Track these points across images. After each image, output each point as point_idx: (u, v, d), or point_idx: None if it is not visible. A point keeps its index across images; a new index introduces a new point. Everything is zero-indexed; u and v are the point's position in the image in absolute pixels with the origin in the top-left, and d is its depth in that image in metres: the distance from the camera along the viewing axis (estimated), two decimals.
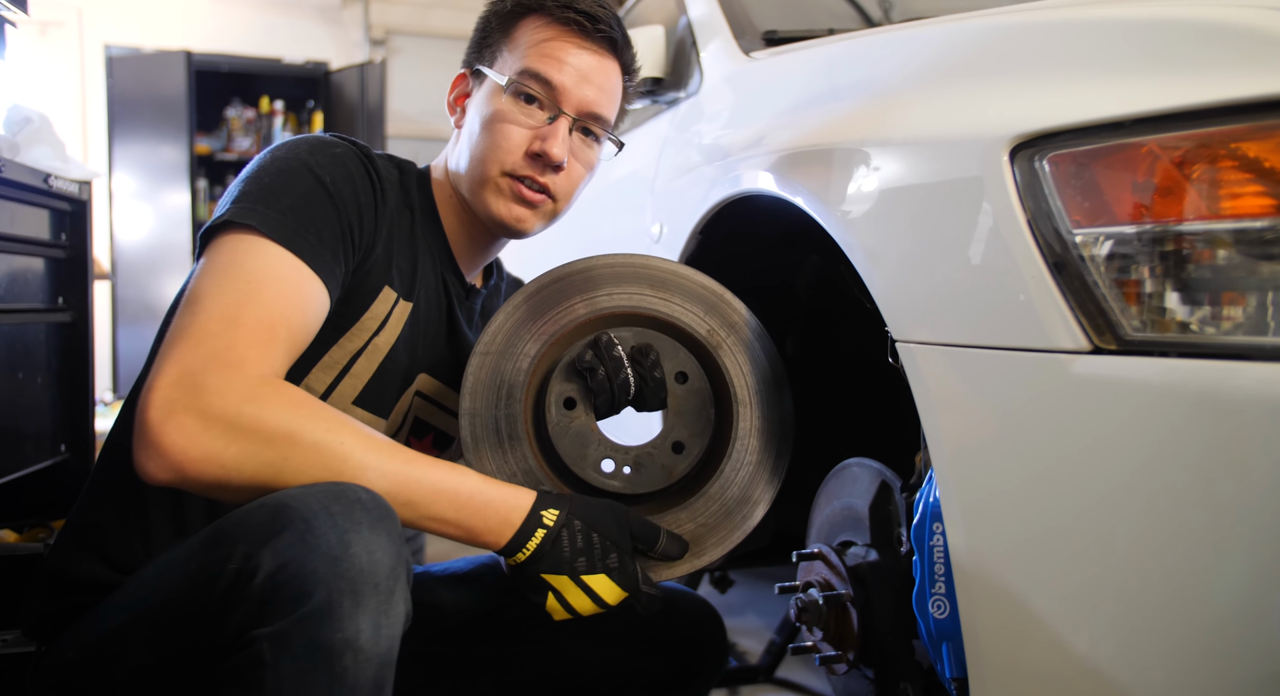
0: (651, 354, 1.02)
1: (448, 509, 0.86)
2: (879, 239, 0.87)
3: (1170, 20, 0.72)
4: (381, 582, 0.75)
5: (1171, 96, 0.67)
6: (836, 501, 1.22)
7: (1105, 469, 0.67)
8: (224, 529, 0.78)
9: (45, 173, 1.69)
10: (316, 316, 0.92)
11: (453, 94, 1.15)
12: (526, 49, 1.07)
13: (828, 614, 1.12)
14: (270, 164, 0.95)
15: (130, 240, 4.76)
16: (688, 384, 1.04)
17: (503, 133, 1.06)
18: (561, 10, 1.06)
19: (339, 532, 0.74)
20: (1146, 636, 0.67)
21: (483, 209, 1.10)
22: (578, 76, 1.07)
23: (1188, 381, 0.63)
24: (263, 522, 0.75)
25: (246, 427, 0.80)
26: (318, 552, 0.73)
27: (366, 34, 5.62)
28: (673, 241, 1.49)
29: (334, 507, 0.76)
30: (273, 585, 0.72)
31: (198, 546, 0.80)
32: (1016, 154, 0.74)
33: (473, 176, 1.09)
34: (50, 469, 1.79)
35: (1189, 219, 0.65)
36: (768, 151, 1.14)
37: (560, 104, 1.06)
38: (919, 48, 1.01)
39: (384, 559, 0.76)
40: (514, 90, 1.06)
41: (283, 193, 0.92)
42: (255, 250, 0.88)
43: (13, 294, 1.67)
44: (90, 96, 5.09)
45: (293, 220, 0.90)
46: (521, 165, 1.07)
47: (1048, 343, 0.69)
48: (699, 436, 1.04)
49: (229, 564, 0.75)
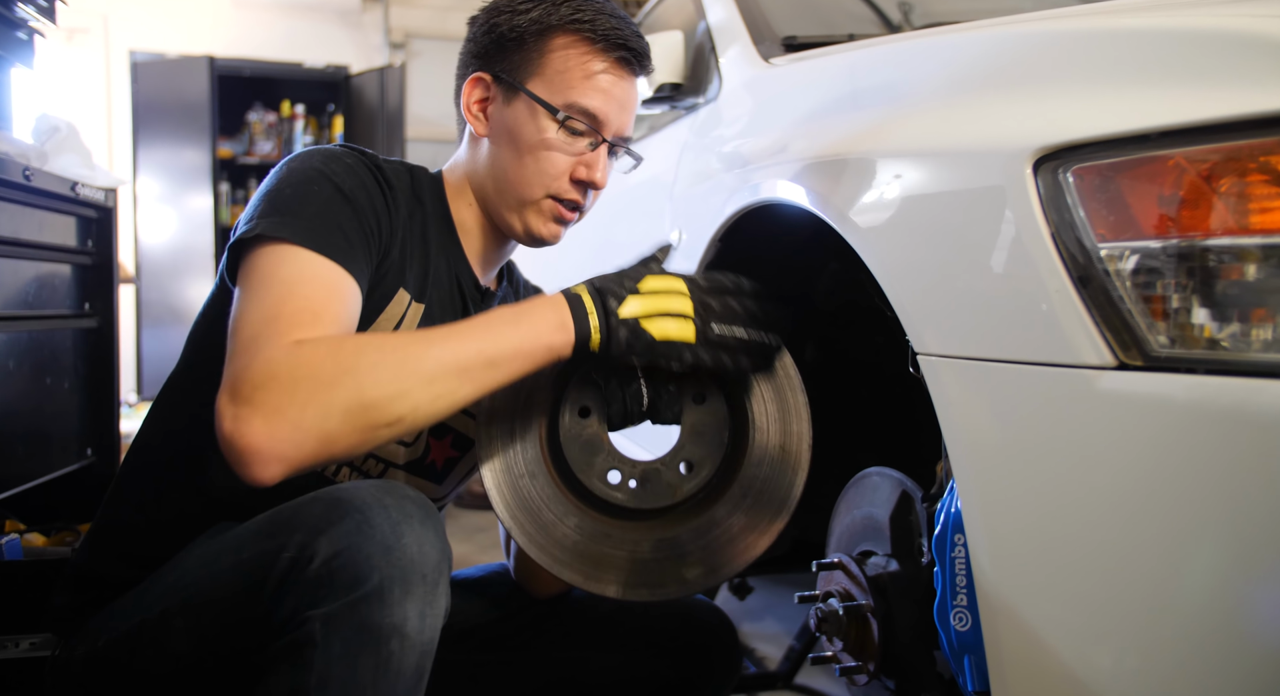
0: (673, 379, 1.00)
1: (517, 332, 0.86)
2: (900, 251, 0.86)
3: (1197, 30, 0.72)
4: (429, 574, 0.79)
5: (1198, 109, 0.66)
6: (857, 510, 1.22)
7: (1131, 484, 0.67)
8: (278, 520, 0.82)
9: (72, 181, 1.72)
10: (355, 310, 0.93)
11: (469, 97, 1.13)
12: (574, 78, 1.07)
13: (848, 624, 1.11)
14: (289, 176, 0.97)
15: (154, 243, 4.81)
16: (705, 404, 1.02)
17: (550, 160, 1.08)
18: (611, 48, 1.08)
19: (393, 524, 0.78)
20: (1171, 651, 0.67)
21: (520, 226, 1.12)
22: (619, 107, 1.10)
23: (1216, 398, 0.62)
24: (319, 514, 0.80)
25: (306, 385, 0.78)
26: (373, 541, 0.77)
27: (386, 38, 5.66)
28: (691, 248, 1.48)
29: (387, 500, 0.80)
30: (329, 570, 0.76)
31: (249, 536, 0.84)
32: (1040, 166, 0.73)
33: (512, 196, 1.10)
34: (77, 472, 1.81)
35: (1217, 233, 0.64)
36: (788, 160, 1.14)
37: (602, 131, 1.10)
38: (940, 57, 1.00)
39: (432, 551, 0.80)
40: (565, 124, 1.07)
41: (306, 201, 0.94)
42: (289, 258, 0.90)
43: (41, 300, 1.69)
44: (116, 101, 5.16)
45: (320, 226, 0.92)
46: (567, 189, 1.10)
47: (1073, 358, 0.68)
48: (710, 458, 1.02)
49: (285, 552, 0.79)
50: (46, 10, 1.83)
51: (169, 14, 5.31)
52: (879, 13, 1.93)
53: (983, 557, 0.78)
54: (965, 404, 0.78)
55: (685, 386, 1.02)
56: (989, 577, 0.78)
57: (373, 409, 0.79)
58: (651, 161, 1.90)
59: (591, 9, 1.08)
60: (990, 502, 0.77)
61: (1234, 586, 0.63)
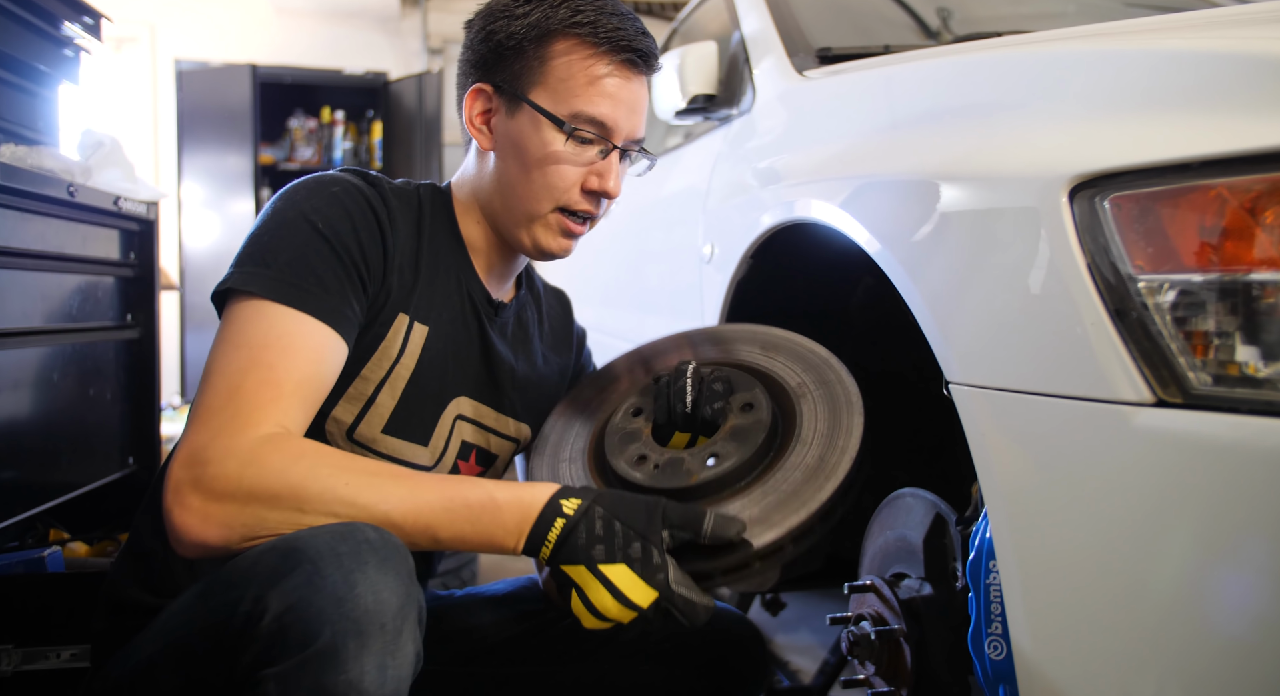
0: (719, 378, 1.03)
1: (464, 524, 0.84)
2: (933, 278, 0.85)
3: (1241, 55, 0.69)
4: (389, 623, 0.74)
5: (1242, 138, 0.63)
6: (890, 532, 1.20)
7: (1168, 524, 0.65)
8: (238, 570, 0.79)
9: (115, 195, 1.75)
10: (332, 363, 0.93)
11: (471, 110, 1.09)
12: (578, 85, 1.03)
13: (880, 648, 1.10)
14: (269, 219, 0.97)
15: (198, 248, 4.90)
16: (752, 413, 1.01)
17: (558, 173, 1.05)
18: (616, 51, 1.03)
19: (344, 573, 0.74)
20: (1212, 687, 0.65)
21: (529, 241, 1.09)
22: (628, 110, 1.06)
23: (1259, 439, 0.60)
24: (273, 565, 0.76)
25: (250, 492, 0.81)
26: (323, 593, 0.73)
27: (424, 43, 5.70)
28: (724, 263, 1.48)
29: (341, 548, 0.76)
30: (279, 626, 0.73)
31: (216, 586, 0.81)
32: (1076, 194, 0.71)
33: (519, 211, 1.07)
34: (119, 481, 1.85)
35: (1261, 267, 0.62)
36: (822, 179, 1.13)
37: (612, 138, 1.06)
38: (978, 76, 0.98)
39: (391, 598, 0.75)
40: (574, 135, 1.03)
41: (281, 249, 0.93)
42: (259, 315, 0.90)
43: (84, 312, 1.73)
44: (161, 108, 5.26)
45: (291, 277, 0.91)
46: (578, 201, 1.06)
47: (1109, 393, 0.67)
48: (737, 453, 0.98)
49: (240, 606, 0.75)
50: (92, 28, 1.87)
51: (213, 23, 5.40)
52: (917, 19, 1.90)
53: (1014, 588, 0.77)
54: (997, 435, 0.76)
55: (736, 398, 1.02)
56: (1021, 610, 0.76)
57: None
58: (687, 171, 1.89)
59: (592, 9, 1.03)
60: (1022, 535, 0.76)
61: (1277, 627, 0.61)
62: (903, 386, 1.52)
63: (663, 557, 0.83)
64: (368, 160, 5.26)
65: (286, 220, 0.96)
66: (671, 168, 2.07)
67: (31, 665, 1.30)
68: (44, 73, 1.82)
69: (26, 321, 1.53)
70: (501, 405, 1.17)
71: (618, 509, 0.85)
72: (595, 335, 2.64)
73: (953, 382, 0.81)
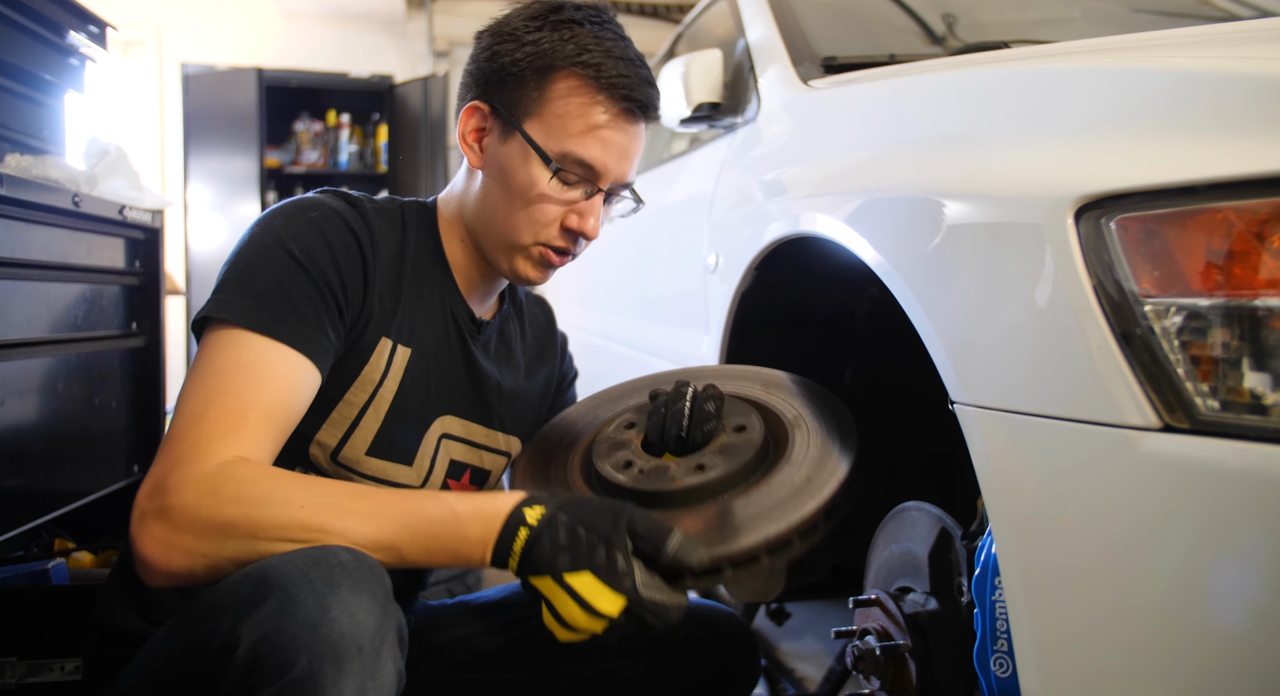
0: (714, 399, 1.02)
1: (428, 541, 0.83)
2: (938, 297, 0.84)
3: (1247, 77, 0.69)
4: (365, 645, 0.73)
5: (1250, 161, 0.63)
6: (895, 545, 1.20)
7: (1173, 548, 0.64)
8: (212, 600, 0.79)
9: (120, 204, 1.75)
10: (304, 391, 0.93)
11: (465, 126, 1.08)
12: (573, 127, 1.02)
13: (885, 663, 1.10)
14: (247, 246, 0.97)
15: (204, 251, 4.91)
16: (744, 434, 1.01)
17: (540, 209, 1.05)
18: (616, 100, 1.02)
19: (318, 598, 0.73)
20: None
21: (507, 268, 1.09)
22: (619, 156, 1.05)
23: (1266, 466, 0.59)
24: (245, 595, 0.75)
25: (207, 522, 0.81)
26: (296, 620, 0.72)
27: (430, 46, 5.71)
28: (729, 273, 1.47)
29: (313, 573, 0.75)
30: (255, 656, 0.72)
31: (192, 617, 0.80)
32: (1082, 214, 0.70)
33: (500, 238, 1.08)
34: (124, 490, 1.85)
35: (1268, 291, 0.61)
36: (827, 193, 1.12)
37: (599, 181, 1.06)
38: (984, 92, 0.97)
39: (367, 620, 0.74)
40: (561, 175, 1.03)
41: (257, 277, 0.93)
42: (230, 343, 0.90)
43: (89, 321, 1.73)
44: (168, 111, 5.28)
45: (266, 304, 0.91)
46: (556, 237, 1.07)
47: (1115, 417, 0.66)
48: (723, 466, 0.97)
49: (215, 637, 0.74)
50: (98, 36, 1.88)
51: (219, 27, 5.42)
52: (923, 25, 1.90)
53: (1019, 607, 0.76)
54: (1002, 456, 0.76)
55: (731, 421, 1.03)
56: (1026, 632, 0.76)
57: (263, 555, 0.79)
58: (692, 178, 1.89)
59: (600, 49, 1.02)
60: (1027, 555, 0.75)
61: None
62: (909, 397, 1.51)
63: (628, 562, 0.81)
64: (373, 163, 5.27)
65: (264, 247, 0.96)
66: (677, 174, 2.07)
67: (35, 677, 1.30)
68: (50, 82, 1.82)
69: (32, 331, 1.53)
70: (490, 420, 1.17)
71: (581, 515, 0.83)
72: (600, 341, 2.64)
73: (958, 402, 0.81)
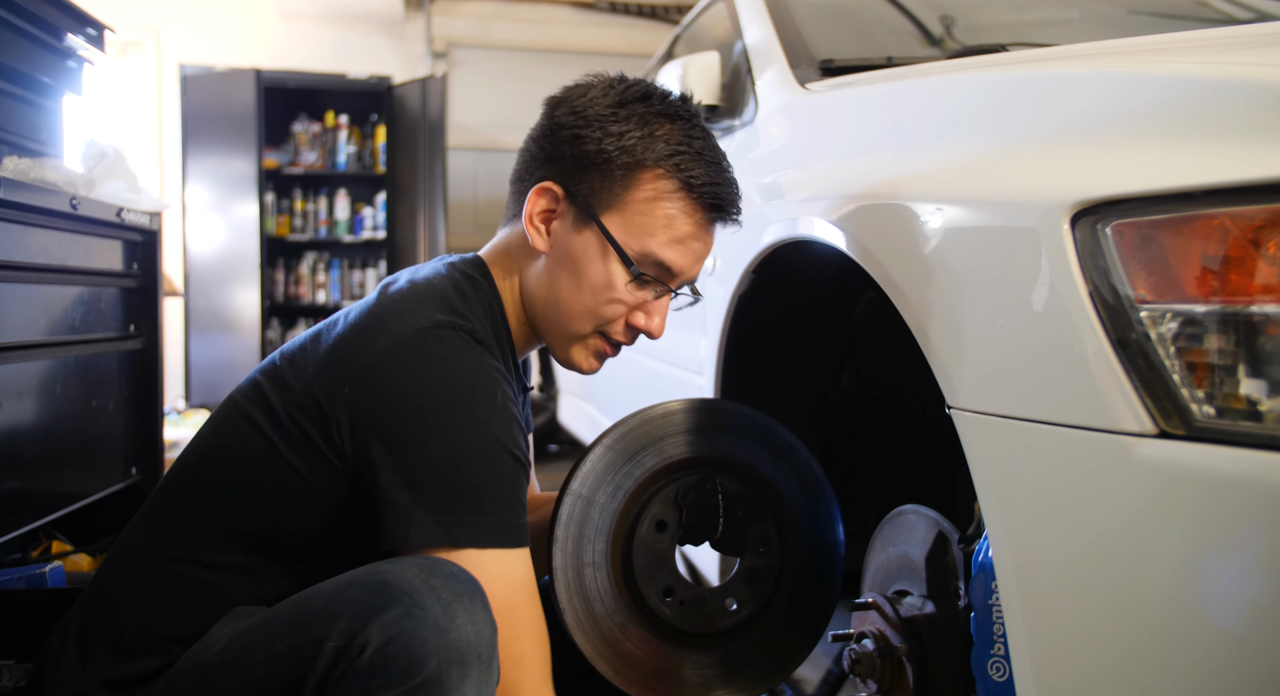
0: (740, 511, 1.15)
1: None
2: (935, 302, 0.84)
3: (1243, 82, 0.69)
4: (484, 652, 0.78)
5: (1245, 167, 0.63)
6: (892, 548, 1.20)
7: (1169, 555, 0.64)
8: (313, 608, 0.79)
9: (118, 207, 1.75)
10: None
11: (534, 207, 1.02)
12: (657, 228, 0.99)
13: (882, 667, 1.10)
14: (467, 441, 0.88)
15: (202, 252, 4.90)
16: (763, 555, 1.17)
17: (611, 306, 1.02)
18: (705, 208, 1.01)
19: (444, 605, 0.76)
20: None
21: (561, 354, 1.07)
22: (695, 259, 1.04)
23: (1262, 473, 0.59)
24: (363, 600, 0.77)
25: None
26: (427, 625, 0.75)
27: (429, 47, 5.71)
28: (726, 275, 1.47)
29: (434, 581, 0.78)
30: (381, 658, 0.74)
31: (282, 627, 0.81)
32: (1078, 220, 0.70)
33: (560, 327, 1.05)
34: (122, 492, 1.85)
35: (1263, 298, 0.61)
36: (824, 198, 1.12)
37: (671, 283, 1.04)
38: (981, 95, 0.97)
39: (486, 628, 0.79)
40: (637, 276, 1.00)
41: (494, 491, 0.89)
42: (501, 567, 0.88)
43: (87, 324, 1.73)
44: (167, 112, 5.27)
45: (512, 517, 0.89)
46: (619, 331, 1.05)
47: (1111, 423, 0.66)
48: (752, 602, 1.17)
49: (328, 641, 0.76)
50: (95, 39, 1.88)
51: (218, 28, 5.41)
52: (920, 27, 1.90)
53: (1015, 612, 0.76)
54: (997, 462, 0.76)
55: (752, 530, 1.16)
56: (1021, 634, 0.76)
57: None
58: None
59: (691, 151, 0.99)
60: (1023, 560, 0.75)
61: (1276, 657, 0.60)
62: (905, 401, 1.52)
63: None
64: (371, 164, 5.26)
65: (488, 452, 0.89)
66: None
67: (27, 681, 1.29)
68: (47, 84, 1.82)
69: (30, 334, 1.53)
70: None
71: None
72: None
73: (954, 407, 0.81)
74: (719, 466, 1.17)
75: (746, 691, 1.15)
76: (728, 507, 1.14)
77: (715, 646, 1.15)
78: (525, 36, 5.72)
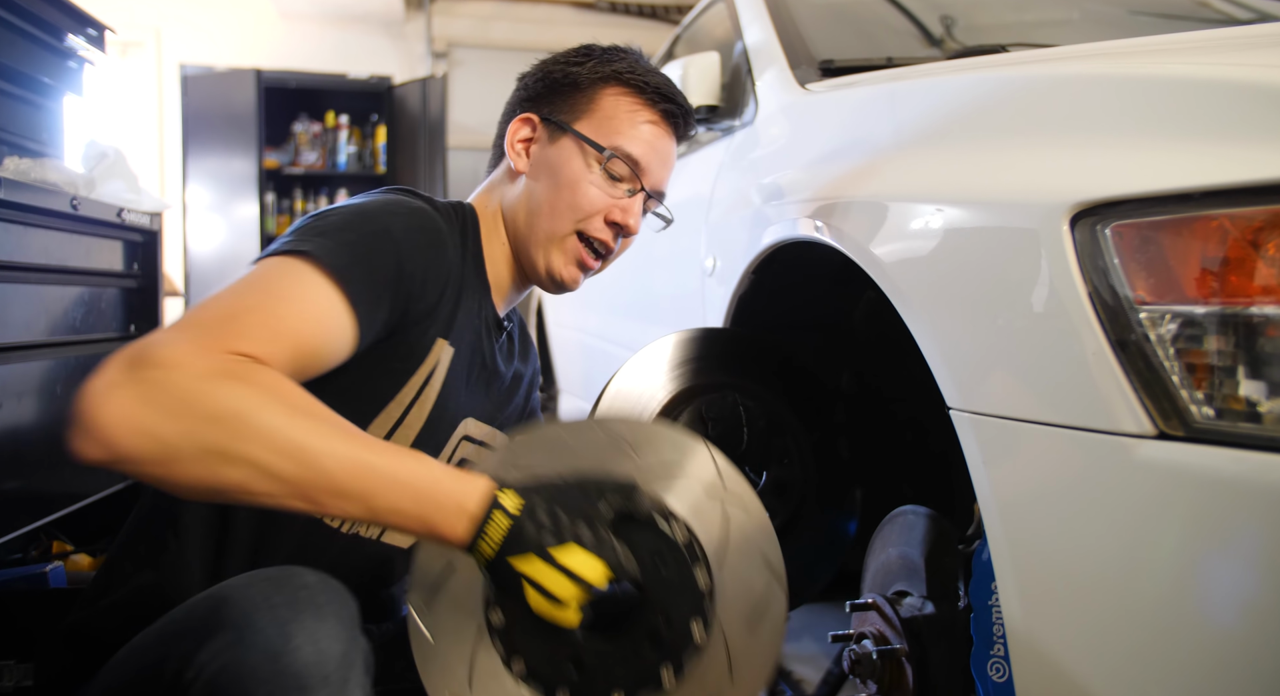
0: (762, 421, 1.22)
1: (406, 500, 0.76)
2: (934, 303, 0.84)
3: (1242, 84, 0.69)
4: (332, 673, 0.70)
5: (1244, 169, 0.63)
6: (892, 549, 1.20)
7: (1168, 555, 0.64)
8: (173, 622, 0.76)
9: (119, 207, 1.75)
10: (338, 352, 0.88)
11: (515, 135, 1.15)
12: (623, 127, 1.12)
13: (882, 668, 1.10)
14: (346, 206, 0.97)
15: (202, 251, 4.91)
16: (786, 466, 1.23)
17: (586, 196, 1.10)
18: (660, 101, 1.13)
19: (279, 625, 0.70)
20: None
21: (542, 263, 1.12)
22: (660, 160, 1.15)
23: (1261, 475, 0.59)
24: (202, 618, 0.72)
25: (193, 403, 0.70)
26: (256, 650, 0.69)
27: (429, 47, 5.71)
28: (726, 276, 1.47)
29: (275, 598, 0.72)
30: (211, 689, 0.69)
31: (152, 637, 0.77)
32: (1078, 221, 0.70)
33: (541, 229, 1.11)
34: (122, 492, 1.85)
35: (1263, 299, 0.62)
36: (824, 198, 1.12)
37: (642, 181, 1.13)
38: (981, 97, 0.97)
39: (333, 647, 0.71)
40: (608, 164, 1.10)
41: (347, 228, 0.91)
42: (295, 271, 0.85)
43: (88, 324, 1.73)
44: (167, 112, 5.27)
45: (348, 254, 0.88)
46: (599, 229, 1.12)
47: (1110, 424, 0.66)
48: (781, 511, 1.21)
49: (168, 663, 0.72)
50: (96, 39, 1.88)
51: (218, 28, 5.42)
52: (921, 28, 1.90)
53: (1015, 613, 0.76)
54: (997, 463, 0.76)
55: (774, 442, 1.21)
56: (1021, 638, 0.76)
57: (230, 465, 0.71)
58: (691, 181, 1.89)
59: (643, 67, 1.14)
60: (1022, 561, 0.75)
61: (1275, 659, 0.61)
62: (905, 401, 1.52)
63: (606, 532, 0.81)
64: (372, 164, 5.27)
65: (367, 213, 0.95)
66: (675, 176, 2.06)
67: (33, 680, 1.30)
68: (48, 85, 1.83)
69: (30, 334, 1.53)
70: (495, 421, 1.18)
71: (556, 497, 0.82)
72: (598, 343, 2.64)
73: (954, 408, 0.81)
74: (737, 388, 1.21)
75: None
76: (750, 419, 1.18)
77: None
78: (525, 36, 5.72)
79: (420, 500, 0.77)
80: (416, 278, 0.95)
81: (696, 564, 0.83)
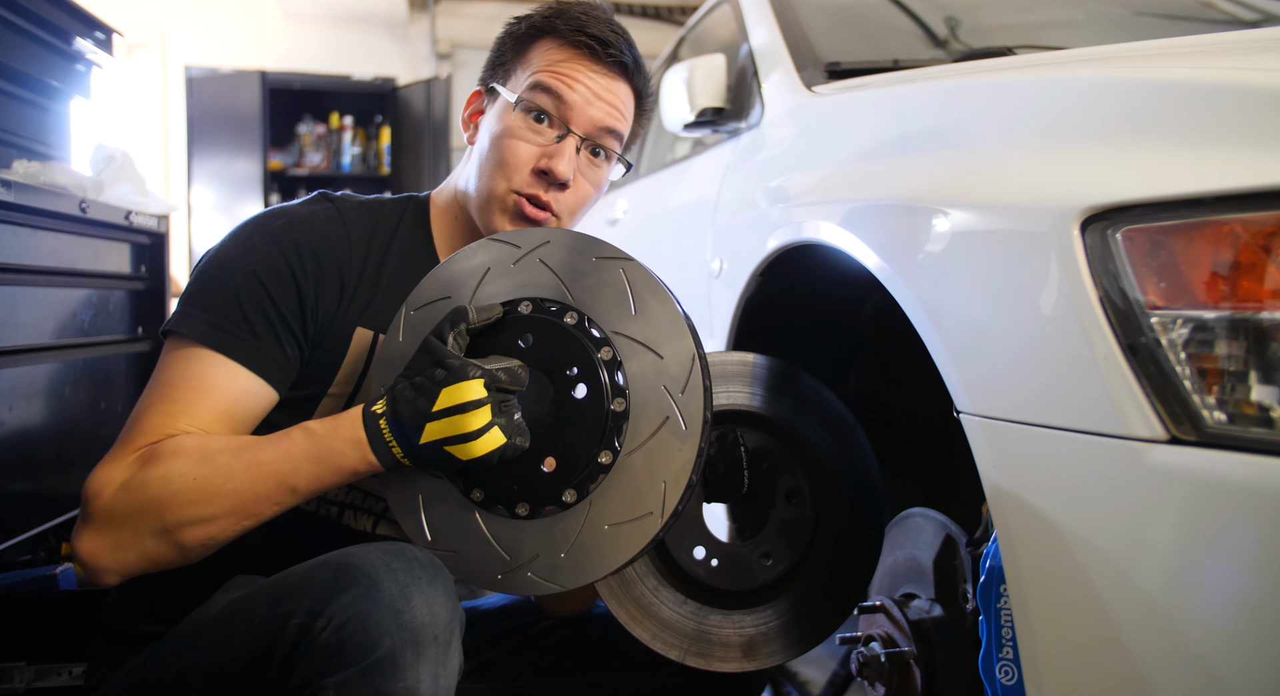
0: (765, 463, 1.13)
1: (311, 465, 0.87)
2: (943, 307, 0.84)
3: (1251, 88, 0.69)
4: (440, 634, 0.79)
5: (1256, 174, 0.63)
6: (900, 551, 1.20)
7: (1179, 561, 0.64)
8: (286, 585, 0.83)
9: (126, 209, 1.76)
10: (251, 408, 0.96)
11: (467, 111, 1.16)
12: (538, 67, 1.08)
13: (890, 670, 1.10)
14: (213, 259, 1.00)
15: None
16: (795, 505, 1.13)
17: (510, 149, 1.06)
18: (574, 34, 1.07)
19: (400, 587, 0.78)
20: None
21: (485, 224, 1.10)
22: (588, 95, 1.07)
23: (1274, 479, 0.59)
24: (327, 580, 0.80)
25: (124, 514, 0.86)
26: (382, 606, 0.77)
27: (433, 48, 5.72)
28: (732, 279, 1.47)
29: (394, 564, 0.80)
30: (338, 638, 0.76)
31: (260, 601, 0.84)
32: (1088, 226, 0.70)
33: (481, 194, 1.09)
34: None
35: (1274, 304, 0.62)
36: (831, 201, 1.12)
37: (569, 122, 1.06)
38: (988, 100, 0.98)
39: (442, 612, 0.80)
40: (524, 106, 1.06)
41: (216, 291, 0.96)
42: (182, 357, 0.94)
43: (96, 327, 1.73)
44: (172, 114, 5.29)
45: (223, 320, 0.95)
46: (528, 182, 1.06)
47: (1122, 429, 0.66)
48: (787, 554, 1.12)
49: (293, 618, 0.79)
50: (103, 42, 1.88)
51: (223, 30, 5.43)
52: (926, 29, 1.90)
53: (1024, 617, 0.76)
54: (1007, 467, 0.76)
55: (780, 480, 1.13)
56: (1031, 642, 0.76)
57: (179, 531, 0.85)
58: (696, 183, 1.89)
59: (571, 13, 1.09)
60: (1032, 565, 0.75)
61: None
62: (913, 404, 1.52)
63: (459, 358, 0.87)
64: (376, 165, 5.27)
65: (227, 260, 0.99)
66: (681, 178, 2.07)
67: (43, 682, 1.31)
68: (56, 88, 1.83)
69: (39, 336, 1.54)
70: None
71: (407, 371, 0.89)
72: None
73: (963, 412, 0.81)
74: (739, 420, 1.16)
75: (796, 648, 1.10)
76: (752, 460, 1.14)
77: (756, 604, 1.12)
78: None
79: (321, 459, 0.87)
80: (301, 300, 0.99)
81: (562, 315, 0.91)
